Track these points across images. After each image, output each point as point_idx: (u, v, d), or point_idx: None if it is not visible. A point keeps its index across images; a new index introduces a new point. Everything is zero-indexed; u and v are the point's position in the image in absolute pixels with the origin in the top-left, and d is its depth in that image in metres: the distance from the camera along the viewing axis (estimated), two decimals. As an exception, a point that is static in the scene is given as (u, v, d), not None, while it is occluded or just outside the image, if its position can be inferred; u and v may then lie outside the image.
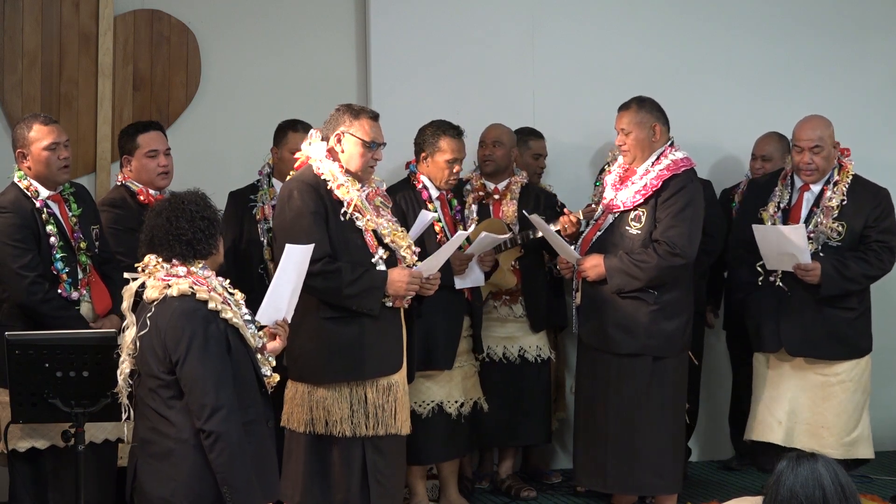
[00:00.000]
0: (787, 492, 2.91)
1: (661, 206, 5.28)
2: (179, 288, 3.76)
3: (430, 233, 5.45)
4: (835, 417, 5.49)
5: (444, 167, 5.53)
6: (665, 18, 6.81)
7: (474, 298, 5.67)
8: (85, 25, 6.10)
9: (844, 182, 5.52)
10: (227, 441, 3.67)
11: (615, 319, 5.28)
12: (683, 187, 5.29)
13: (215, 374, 3.70)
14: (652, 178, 5.30)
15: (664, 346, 5.30)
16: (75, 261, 4.84)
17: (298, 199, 4.67)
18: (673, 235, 5.23)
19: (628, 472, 5.31)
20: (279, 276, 4.24)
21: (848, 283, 5.41)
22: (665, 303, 5.28)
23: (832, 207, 5.48)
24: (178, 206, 3.88)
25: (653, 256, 5.22)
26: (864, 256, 5.45)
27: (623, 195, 5.36)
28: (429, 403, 5.50)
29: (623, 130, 5.38)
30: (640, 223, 5.31)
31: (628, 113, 5.39)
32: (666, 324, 5.29)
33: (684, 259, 5.26)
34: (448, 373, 5.53)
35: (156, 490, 3.75)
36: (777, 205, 5.60)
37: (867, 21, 7.03)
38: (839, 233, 5.47)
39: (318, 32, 6.48)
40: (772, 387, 5.59)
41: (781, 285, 5.49)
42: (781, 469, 2.95)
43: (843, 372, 5.51)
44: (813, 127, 5.52)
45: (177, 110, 6.29)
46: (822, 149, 5.49)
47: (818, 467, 2.91)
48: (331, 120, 4.82)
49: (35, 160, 4.80)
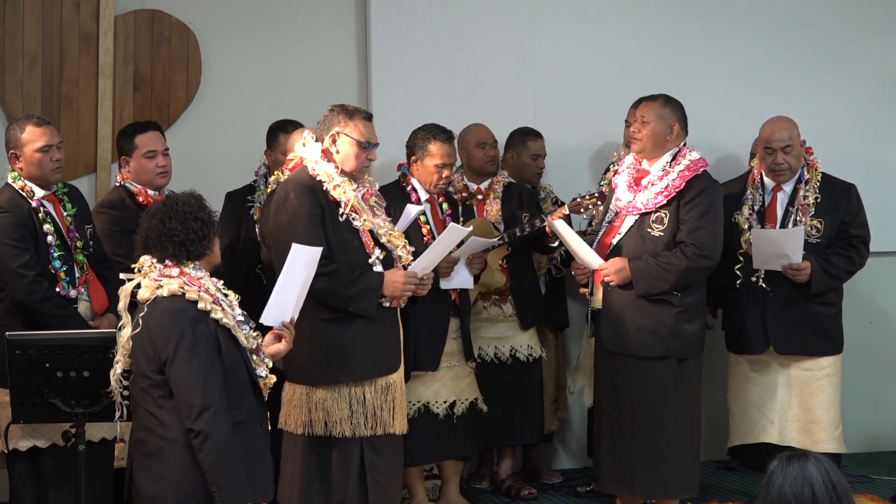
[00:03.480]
0: (777, 492, 2.91)
1: (683, 208, 5.19)
2: (170, 288, 3.79)
3: (417, 233, 5.43)
4: (824, 412, 5.55)
5: (433, 171, 5.51)
6: (665, 18, 6.81)
7: (462, 302, 5.65)
8: (85, 25, 6.11)
9: (815, 179, 5.60)
10: (214, 440, 3.68)
11: (640, 323, 5.18)
12: (706, 188, 5.22)
13: (203, 373, 3.72)
14: (673, 178, 5.21)
15: (687, 347, 5.23)
16: (72, 259, 4.85)
17: (295, 201, 4.67)
18: (700, 237, 5.15)
19: (656, 477, 5.23)
20: (284, 277, 4.21)
21: (833, 279, 5.51)
22: (688, 305, 5.21)
23: (808, 205, 5.56)
24: (172, 207, 3.91)
25: (681, 258, 5.13)
26: (845, 252, 5.55)
27: (643, 197, 5.25)
28: (415, 404, 5.48)
29: (643, 118, 5.27)
30: (663, 225, 5.21)
31: (654, 104, 5.29)
32: (688, 325, 5.22)
33: (712, 261, 5.20)
34: (434, 373, 5.51)
35: (148, 489, 3.79)
36: (751, 207, 5.64)
37: (868, 21, 7.02)
38: (818, 230, 5.54)
39: (319, 32, 6.49)
40: (759, 387, 5.62)
41: (764, 286, 5.52)
42: (772, 469, 2.95)
43: (828, 366, 5.59)
44: (781, 127, 5.58)
45: (177, 110, 6.29)
46: (793, 148, 5.57)
47: (808, 466, 2.91)
48: (325, 120, 4.82)
49: (27, 161, 4.81)
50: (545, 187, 6.40)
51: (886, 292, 6.73)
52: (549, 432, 6.32)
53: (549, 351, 6.21)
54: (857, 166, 6.25)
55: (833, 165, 5.90)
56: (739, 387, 5.73)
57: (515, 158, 6.26)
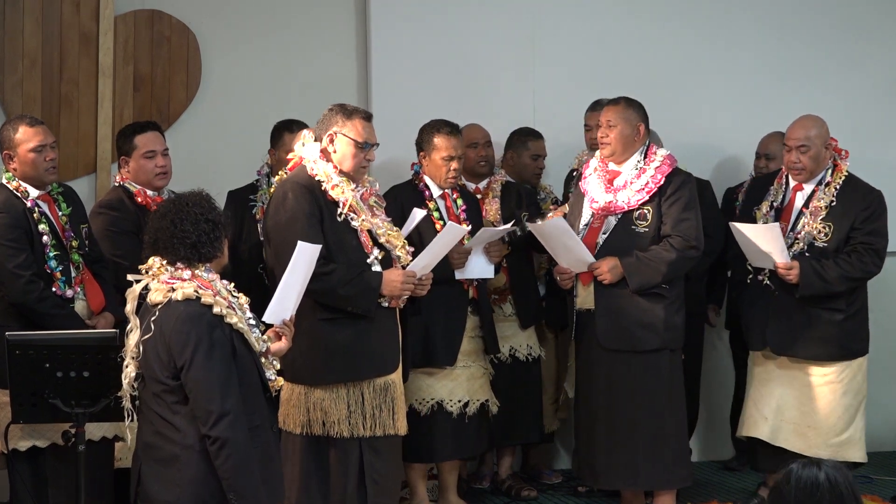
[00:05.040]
0: (784, 500, 2.90)
1: (665, 202, 5.32)
2: (184, 292, 3.71)
3: (431, 230, 5.40)
4: (822, 418, 5.48)
5: (441, 164, 5.52)
6: (666, 19, 6.80)
7: (482, 297, 5.65)
8: (85, 25, 6.11)
9: (836, 183, 5.50)
10: (233, 447, 3.64)
11: (636, 318, 5.29)
12: (684, 181, 5.37)
13: (221, 379, 3.66)
14: (652, 175, 5.33)
15: (678, 338, 5.39)
16: (68, 259, 4.85)
17: (293, 201, 4.66)
18: (685, 228, 5.29)
19: (660, 467, 5.33)
20: (289, 275, 4.19)
21: (827, 284, 5.37)
22: (675, 296, 5.36)
23: (820, 208, 5.46)
24: (183, 208, 3.83)
25: (670, 251, 5.26)
26: (845, 258, 5.41)
27: (623, 196, 5.34)
28: (429, 401, 5.49)
29: (609, 122, 5.37)
30: (647, 221, 5.32)
31: (617, 108, 5.39)
32: (676, 317, 5.37)
33: (699, 251, 5.35)
34: (450, 370, 5.50)
35: (160, 495, 3.72)
36: (770, 204, 5.62)
37: (868, 21, 7.02)
38: (825, 234, 5.45)
39: (319, 32, 6.49)
40: (760, 383, 5.61)
41: (769, 284, 5.50)
42: (781, 480, 2.93)
43: (831, 373, 5.49)
44: (801, 126, 5.52)
45: (177, 110, 6.29)
46: (810, 148, 5.47)
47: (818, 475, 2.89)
48: (323, 120, 4.81)
49: (21, 162, 4.81)
50: (545, 187, 6.39)
51: (887, 292, 6.72)
52: (549, 432, 6.31)
53: (548, 351, 6.20)
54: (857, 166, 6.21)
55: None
56: (747, 380, 5.73)
57: (515, 158, 6.26)
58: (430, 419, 5.46)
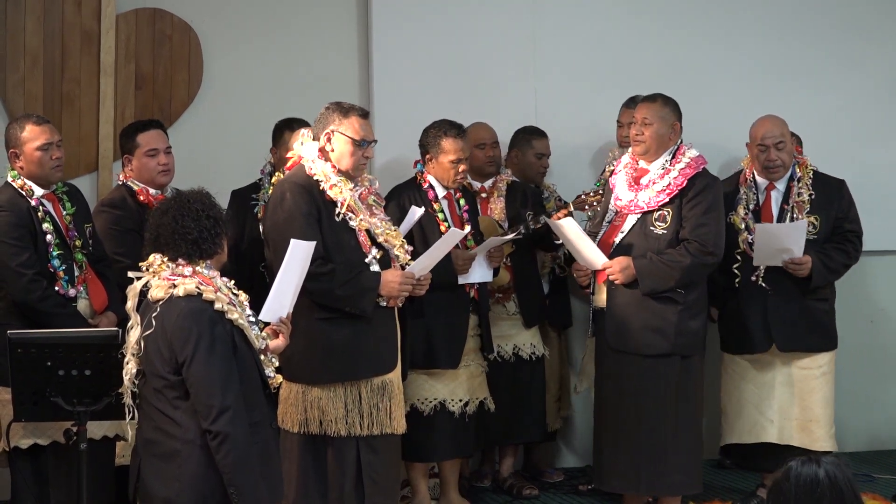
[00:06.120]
0: (784, 498, 2.91)
1: (686, 205, 5.23)
2: (186, 288, 3.73)
3: (435, 230, 5.43)
4: (822, 410, 5.58)
5: (449, 167, 5.51)
6: (668, 18, 6.80)
7: (481, 297, 5.65)
8: (87, 24, 6.11)
9: (807, 177, 5.64)
10: (233, 442, 3.65)
11: (645, 321, 5.21)
12: (708, 185, 5.27)
13: (222, 375, 3.68)
14: (675, 176, 5.25)
15: (691, 344, 5.26)
16: (71, 258, 4.86)
17: (290, 201, 4.67)
18: (704, 234, 5.19)
19: (663, 473, 5.25)
20: (283, 273, 4.21)
21: (832, 273, 5.57)
22: (691, 302, 5.24)
23: (803, 202, 5.58)
24: (184, 204, 3.85)
25: (685, 256, 5.17)
26: (842, 247, 5.59)
27: (644, 195, 5.27)
28: (431, 401, 5.49)
29: (645, 120, 5.29)
30: (666, 223, 5.24)
31: (654, 105, 5.32)
32: (692, 322, 5.25)
33: (716, 257, 5.24)
34: (453, 371, 5.50)
35: (160, 490, 3.73)
36: (746, 207, 5.64)
37: (868, 21, 7.02)
38: (814, 226, 5.57)
39: (320, 31, 6.49)
40: (756, 386, 5.62)
41: (763, 284, 5.54)
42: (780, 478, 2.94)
43: (824, 364, 5.63)
44: (774, 125, 5.61)
45: (179, 109, 6.30)
46: (785, 144, 5.60)
47: (818, 471, 2.89)
48: (321, 118, 4.81)
49: (27, 160, 4.81)
50: (549, 186, 6.39)
51: (886, 291, 6.73)
52: (552, 431, 6.32)
53: (552, 349, 6.21)
54: (857, 166, 6.25)
55: (832, 165, 5.92)
56: (734, 386, 5.72)
57: (520, 157, 6.26)
58: (431, 419, 5.46)
